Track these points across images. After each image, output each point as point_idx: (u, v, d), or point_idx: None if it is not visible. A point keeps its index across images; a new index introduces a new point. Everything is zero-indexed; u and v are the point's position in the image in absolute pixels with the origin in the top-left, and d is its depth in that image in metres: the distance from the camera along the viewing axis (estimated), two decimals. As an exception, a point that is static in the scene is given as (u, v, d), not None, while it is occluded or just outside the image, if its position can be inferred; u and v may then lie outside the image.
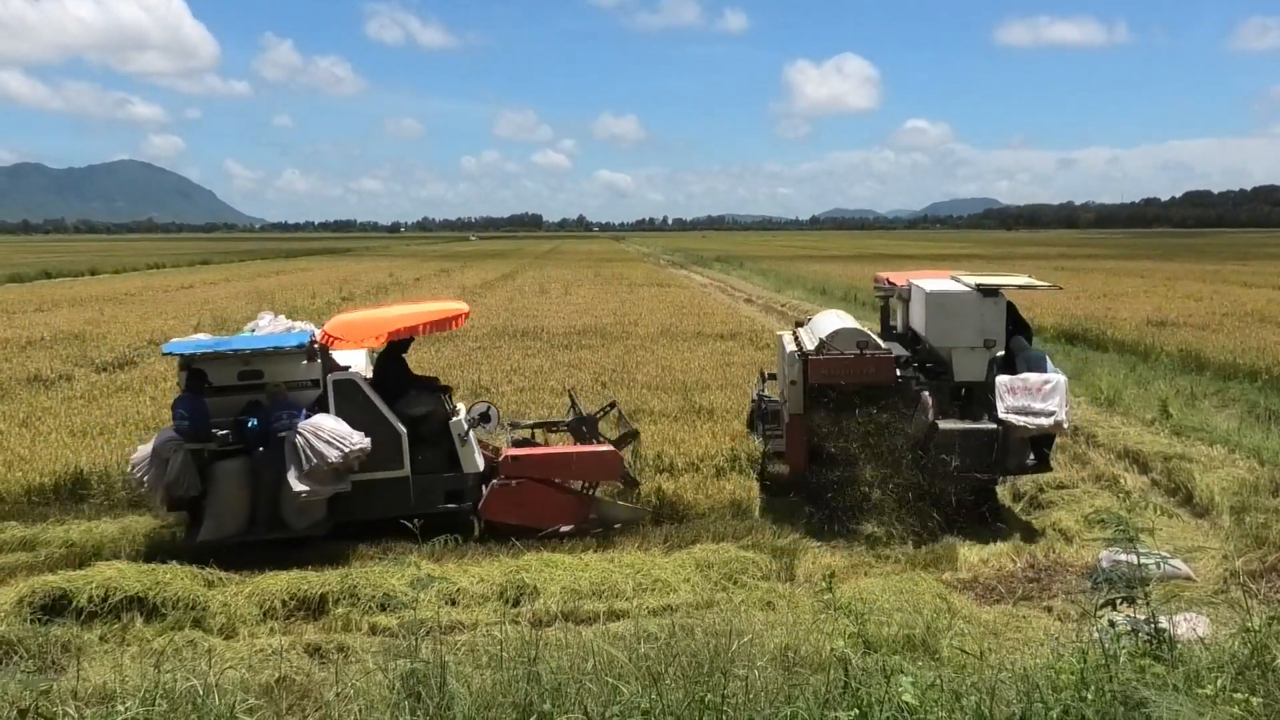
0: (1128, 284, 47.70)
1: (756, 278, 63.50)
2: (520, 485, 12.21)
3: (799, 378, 12.82)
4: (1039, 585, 10.68)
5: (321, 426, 11.39)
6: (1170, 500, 13.66)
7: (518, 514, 12.14)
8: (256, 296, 41.62)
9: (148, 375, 21.57)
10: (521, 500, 12.18)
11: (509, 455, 12.42)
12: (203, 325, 30.99)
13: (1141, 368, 23.55)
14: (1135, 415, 18.20)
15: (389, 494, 11.94)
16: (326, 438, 11.31)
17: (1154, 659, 5.70)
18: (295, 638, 9.21)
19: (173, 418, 11.72)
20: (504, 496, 12.21)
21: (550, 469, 12.39)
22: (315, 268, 76.85)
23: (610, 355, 24.10)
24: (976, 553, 11.66)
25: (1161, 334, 27.26)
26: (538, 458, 12.49)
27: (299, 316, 33.57)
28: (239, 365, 12.08)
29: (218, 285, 54.10)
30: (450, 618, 9.49)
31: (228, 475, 11.49)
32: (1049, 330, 30.45)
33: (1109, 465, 15.26)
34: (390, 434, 11.92)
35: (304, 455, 11.23)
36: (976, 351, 13.15)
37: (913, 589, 9.80)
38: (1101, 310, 33.87)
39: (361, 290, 48.09)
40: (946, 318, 13.15)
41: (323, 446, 11.26)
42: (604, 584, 10.16)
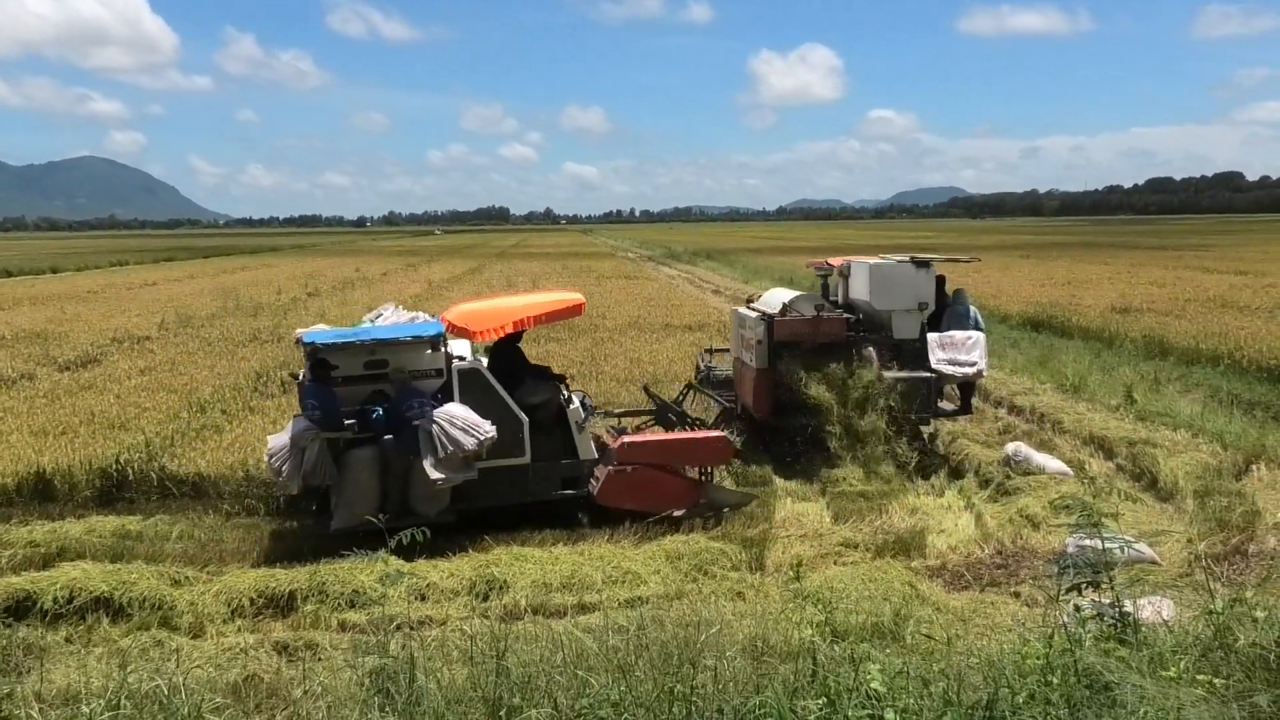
0: (1091, 271, 48.07)
1: (724, 269, 63.59)
2: (635, 470, 12.41)
3: (764, 337, 15.37)
4: (1006, 571, 10.75)
5: (455, 415, 11.55)
6: (1135, 485, 13.78)
7: (632, 499, 12.37)
8: (221, 293, 41.32)
9: (111, 374, 21.37)
10: (636, 485, 12.40)
11: (625, 441, 12.63)
12: (167, 323, 30.75)
13: (1106, 354, 23.76)
14: (1100, 401, 18.35)
15: (509, 481, 12.19)
16: (461, 426, 11.48)
17: (1119, 642, 5.75)
18: (263, 636, 9.15)
19: (302, 408, 11.74)
20: (619, 482, 12.39)
21: (666, 454, 12.65)
22: (280, 263, 76.31)
23: (578, 348, 24.06)
24: (945, 540, 11.74)
25: (1125, 320, 27.50)
26: (654, 444, 12.73)
27: (264, 314, 33.39)
28: (365, 355, 12.21)
29: (181, 282, 53.67)
30: (420, 613, 9.46)
31: (360, 463, 11.61)
32: (1014, 318, 30.69)
33: (1075, 451, 15.38)
34: (512, 422, 12.10)
35: (439, 443, 11.39)
36: (912, 313, 16.11)
37: (881, 577, 9.85)
38: (1066, 297, 34.12)
39: (328, 286, 47.83)
40: (887, 286, 16.02)
41: (458, 434, 11.43)
42: (574, 577, 10.15)
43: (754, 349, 15.48)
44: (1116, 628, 5.97)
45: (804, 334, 15.42)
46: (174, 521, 12.66)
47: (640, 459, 12.50)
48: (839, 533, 11.98)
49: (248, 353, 23.98)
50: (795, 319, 15.52)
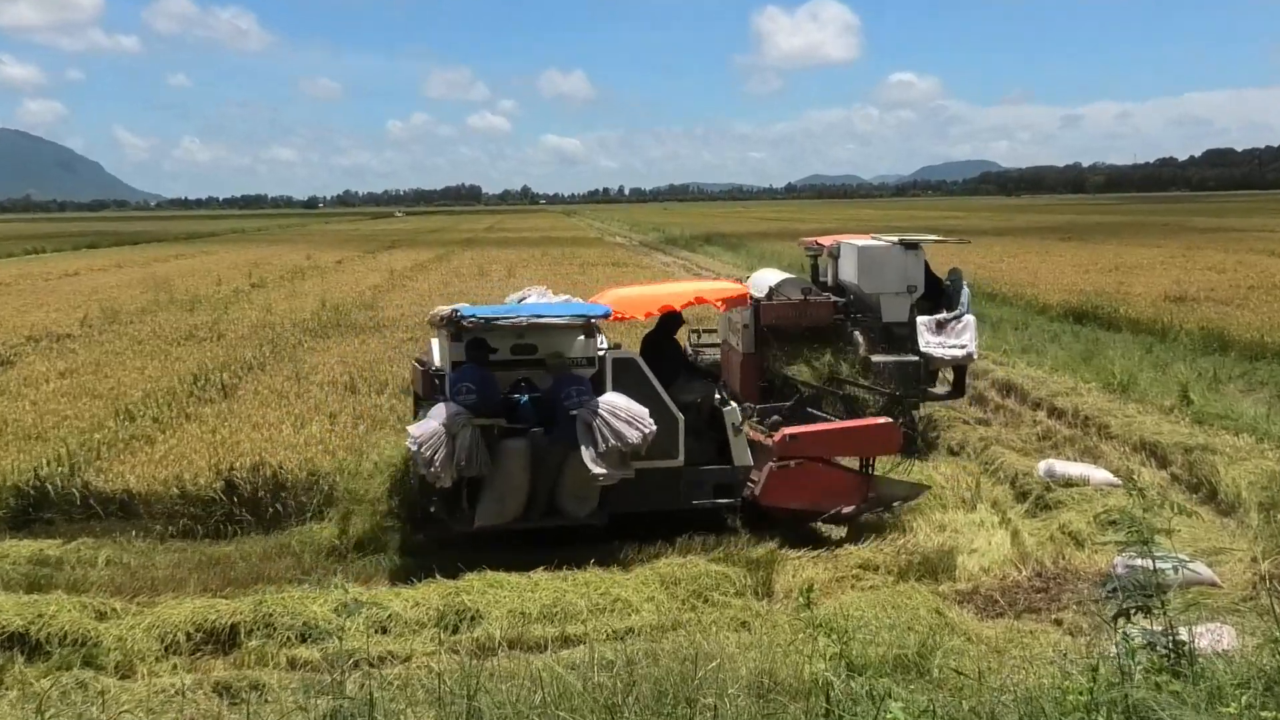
0: (1142, 255, 48.17)
1: (727, 255, 63.62)
2: (799, 466, 12.62)
3: (751, 321, 16.61)
4: (1047, 596, 10.79)
5: (618, 405, 11.71)
6: (1192, 497, 13.82)
7: (798, 497, 12.63)
8: (152, 284, 41.22)
9: (27, 377, 21.28)
10: (802, 482, 12.62)
11: (786, 434, 12.81)
12: (91, 319, 30.69)
13: (1158, 349, 23.80)
14: (1152, 402, 18.38)
15: (660, 486, 12.27)
16: (625, 417, 11.61)
17: (1172, 675, 5.76)
18: (202, 675, 9.14)
19: (452, 390, 11.80)
20: (783, 479, 12.57)
21: (831, 445, 12.96)
22: (221, 250, 76.15)
23: (560, 345, 24.04)
24: (977, 561, 11.77)
25: (1180, 311, 27.58)
26: (818, 434, 12.94)
27: (202, 308, 33.35)
28: (514, 338, 12.38)
29: (108, 272, 53.56)
30: (381, 648, 9.45)
31: (514, 455, 11.73)
32: (1054, 308, 30.74)
33: (1123, 459, 15.41)
34: (667, 420, 12.18)
35: (600, 435, 11.51)
36: (900, 296, 17.50)
37: (905, 603, 9.86)
38: (1113, 285, 34.16)
39: (275, 275, 47.78)
40: (875, 268, 17.42)
41: (622, 426, 11.56)
42: (556, 605, 10.15)
43: (740, 333, 16.68)
44: (1170, 659, 5.98)
45: (791, 318, 16.81)
46: (99, 545, 12.63)
47: (804, 452, 12.70)
48: (857, 553, 12.01)
49: (183, 352, 23.94)
50: (782, 303, 16.96)
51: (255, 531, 13.18)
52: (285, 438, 15.15)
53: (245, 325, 28.64)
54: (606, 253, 64.17)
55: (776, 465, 12.59)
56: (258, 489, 13.56)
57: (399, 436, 13.36)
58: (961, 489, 14.40)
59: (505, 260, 56.05)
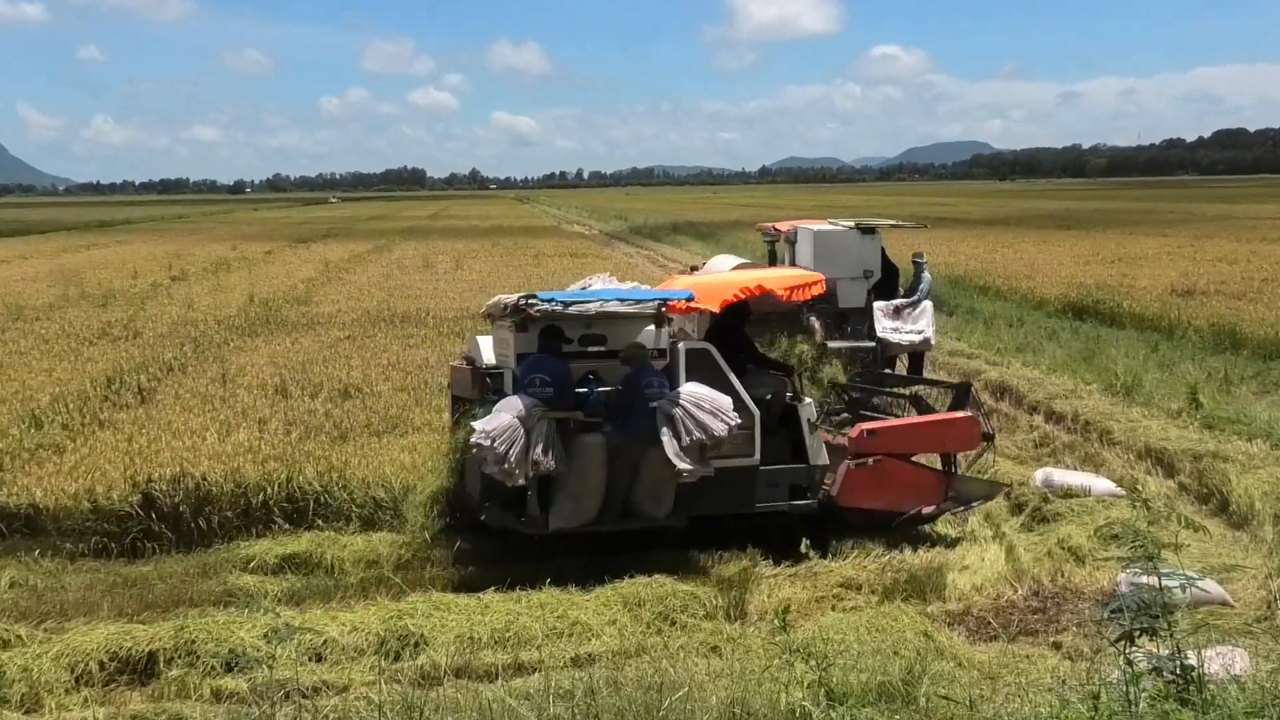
0: (1147, 245, 48.50)
1: (695, 245, 63.67)
2: (879, 463, 12.93)
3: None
4: (1044, 617, 10.85)
5: (701, 395, 11.82)
6: (1201, 509, 13.94)
7: (877, 497, 12.97)
8: (61, 277, 40.81)
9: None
10: (881, 480, 12.95)
11: (863, 429, 13.17)
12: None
13: (1165, 347, 23.98)
14: (1158, 405, 18.51)
15: (734, 486, 12.37)
16: (709, 408, 11.71)
17: (1180, 702, 5.81)
18: (116, 709, 9.08)
19: (523, 381, 11.81)
20: (862, 478, 12.87)
21: (910, 441, 13.34)
22: (138, 240, 75.58)
23: (513, 344, 24.00)
24: (968, 579, 11.83)
25: (1189, 305, 27.81)
26: (897, 429, 13.26)
27: (116, 304, 33.10)
28: (581, 328, 12.57)
29: (10, 264, 53.05)
30: (315, 677, 9.41)
31: (590, 452, 11.82)
32: (1052, 303, 30.94)
33: (1127, 467, 15.53)
34: (743, 415, 12.23)
35: (683, 427, 11.61)
36: (857, 281, 19.00)
37: (890, 625, 9.91)
38: (1116, 277, 34.40)
39: (197, 268, 47.48)
40: (831, 253, 18.69)
41: (706, 418, 11.63)
42: (508, 630, 10.15)
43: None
44: (1178, 685, 6.03)
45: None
46: (2, 566, 12.52)
47: (883, 449, 13.01)
48: (838, 570, 12.05)
49: (96, 352, 23.73)
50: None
51: (176, 550, 13.09)
52: (209, 446, 15.04)
53: (165, 322, 28.43)
54: (565, 243, 64.11)
55: (854, 463, 12.85)
56: (179, 503, 13.46)
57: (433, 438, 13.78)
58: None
59: (452, 250, 55.92)
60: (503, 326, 12.81)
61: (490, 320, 13.29)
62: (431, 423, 16.32)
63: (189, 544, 13.20)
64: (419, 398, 18.40)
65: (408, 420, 16.64)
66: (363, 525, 13.35)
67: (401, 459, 14.44)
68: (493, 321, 13.19)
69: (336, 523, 13.40)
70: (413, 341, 24.88)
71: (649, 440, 11.69)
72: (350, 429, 16.30)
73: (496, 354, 13.04)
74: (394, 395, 18.70)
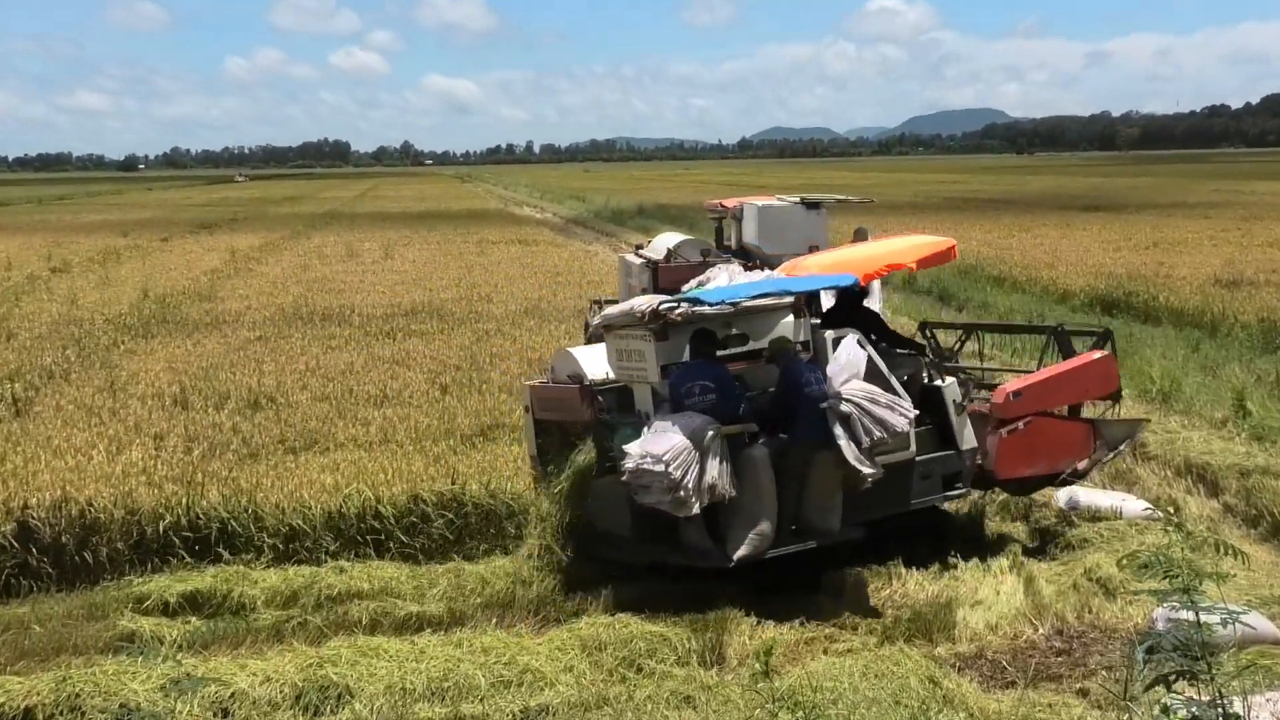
0: (1186, 228, 48.71)
1: (665, 228, 63.67)
2: (1029, 425, 13.52)
3: (649, 284, 19.39)
4: (1069, 659, 10.89)
5: (870, 389, 12.09)
6: (1249, 533, 14.01)
7: (1033, 462, 13.71)
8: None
9: None
10: (1034, 443, 13.57)
11: (1009, 392, 13.57)
12: None
13: (1208, 346, 24.10)
14: (1200, 414, 18.59)
15: (889, 484, 12.52)
16: (885, 403, 12.01)
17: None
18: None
19: (679, 392, 11.96)
20: (1016, 445, 13.46)
21: (1055, 394, 13.98)
22: (10, 225, 75.13)
23: (453, 346, 23.98)
24: (981, 616, 11.83)
25: (1235, 298, 27.97)
26: (1040, 385, 13.81)
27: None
28: (722, 327, 12.89)
29: None
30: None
31: (761, 467, 11.91)
32: (1078, 295, 31.06)
33: (1164, 485, 15.60)
34: None
35: (861, 428, 11.83)
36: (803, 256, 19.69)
37: (891, 670, 9.90)
38: (1151, 266, 34.53)
39: (82, 258, 47.22)
40: (776, 229, 20.61)
41: (884, 414, 11.94)
42: (447, 679, 10.13)
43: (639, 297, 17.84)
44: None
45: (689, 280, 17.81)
46: None
47: (1031, 409, 13.57)
48: (829, 607, 12.06)
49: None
50: (681, 265, 19.80)
51: (57, 588, 13.03)
52: (97, 467, 14.97)
53: (43, 322, 28.30)
54: (518, 230, 64.00)
55: (1004, 432, 13.30)
56: (60, 533, 13.40)
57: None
58: (961, 524, 14.51)
59: (381, 237, 55.85)
60: (630, 337, 12.82)
61: (607, 331, 13.27)
62: (357, 437, 16.30)
63: (73, 581, 13.14)
64: (342, 408, 18.38)
65: (329, 435, 16.61)
66: (276, 558, 13.33)
67: (322, 479, 14.41)
68: (609, 332, 13.19)
69: (246, 555, 13.36)
70: (335, 343, 24.85)
71: (819, 445, 11.92)
72: (262, 446, 16.25)
73: (617, 368, 13.14)
74: (313, 406, 18.66)
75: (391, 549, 13.62)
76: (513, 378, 20.54)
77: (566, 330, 25.86)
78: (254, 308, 30.43)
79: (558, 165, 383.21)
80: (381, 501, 13.89)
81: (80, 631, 11.74)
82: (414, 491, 14.07)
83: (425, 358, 22.66)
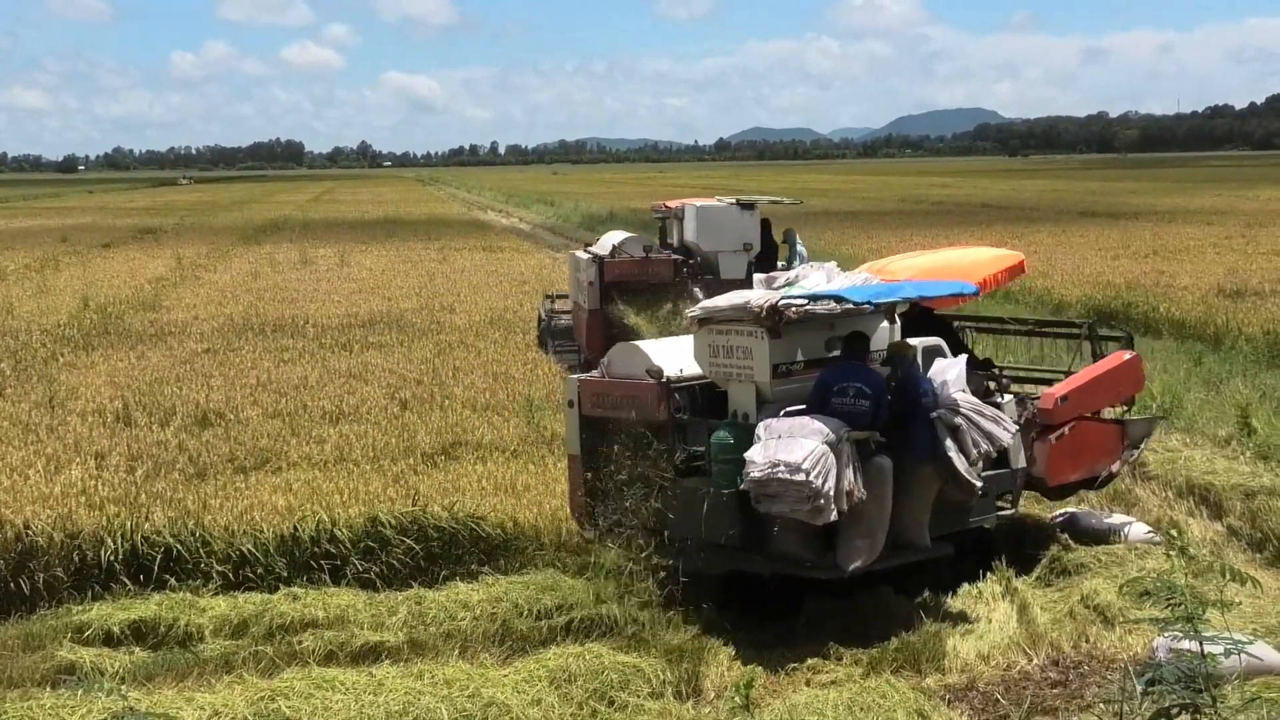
0: (1188, 235, 48.93)
1: (637, 230, 63.80)
2: (1074, 429, 14.00)
3: (596, 279, 24.01)
4: (1065, 691, 10.92)
5: (976, 402, 12.58)
6: (1255, 558, 14.06)
7: (1078, 466, 14.22)
8: None
9: None
10: (1078, 447, 14.10)
11: (1055, 396, 14.00)
12: None
13: (1210, 360, 24.19)
14: (1202, 432, 18.66)
15: (955, 502, 12.86)
16: (990, 415, 12.49)
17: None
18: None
19: (830, 391, 12.18)
20: (1064, 450, 13.92)
21: (1097, 397, 14.55)
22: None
23: (413, 359, 24.00)
24: (973, 645, 11.85)
25: (1239, 309, 28.12)
26: (1085, 387, 14.28)
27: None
28: (826, 329, 13.03)
29: None
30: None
31: (885, 476, 12.14)
32: (1074, 306, 31.14)
33: (1165, 507, 15.64)
34: None
35: (970, 440, 12.23)
36: (737, 254, 25.31)
37: (877, 703, 9.92)
38: (1151, 276, 34.70)
39: (17, 265, 47.08)
40: (713, 227, 25.37)
41: (991, 426, 12.40)
42: (406, 713, 10.07)
43: (586, 290, 23.10)
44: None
45: (633, 274, 24.60)
46: None
47: (1076, 413, 14.04)
48: (811, 636, 12.06)
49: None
50: (625, 260, 24.77)
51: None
52: (33, 487, 14.92)
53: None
54: (478, 237, 63.99)
55: (1054, 438, 13.67)
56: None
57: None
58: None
59: (337, 243, 55.82)
60: (733, 332, 12.79)
61: (699, 325, 13.16)
62: (311, 456, 16.27)
63: (7, 609, 13.10)
64: (295, 425, 18.34)
65: (282, 453, 16.59)
66: (225, 585, 13.27)
67: (274, 501, 14.37)
68: (703, 327, 13.11)
69: (193, 581, 13.31)
70: (288, 356, 24.84)
71: (925, 457, 12.16)
72: (210, 465, 16.23)
73: (710, 365, 13.06)
74: (264, 422, 18.64)
75: (348, 575, 13.57)
76: (477, 392, 20.56)
77: (533, 343, 25.90)
78: (201, 318, 30.39)
79: (524, 167, 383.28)
80: (337, 524, 13.85)
81: (16, 663, 11.68)
82: (372, 513, 14.04)
83: (384, 371, 22.67)
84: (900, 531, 12.38)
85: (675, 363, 13.26)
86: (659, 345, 14.23)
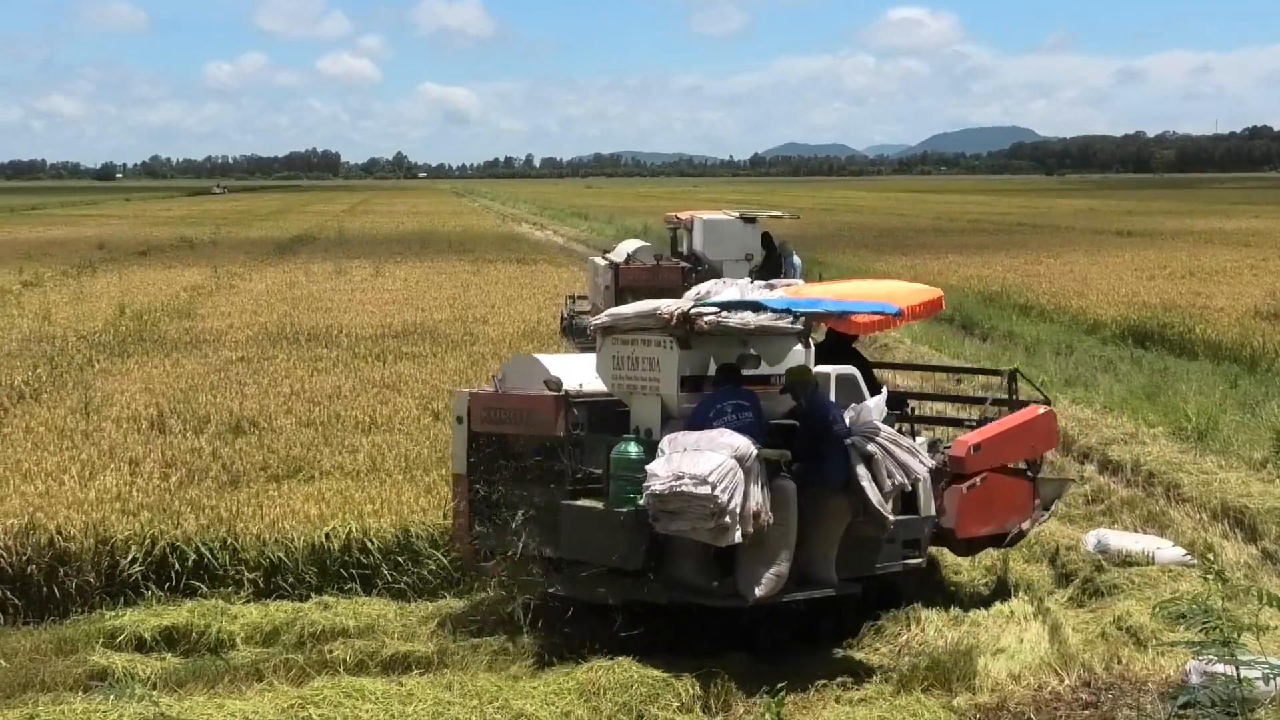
0: (1225, 256, 48.76)
1: (655, 241, 63.82)
2: (985, 480, 13.33)
3: (611, 283, 27.52)
4: (1097, 713, 10.84)
5: (893, 432, 12.10)
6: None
7: (988, 520, 13.50)
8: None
9: None
10: (990, 500, 13.44)
11: (969, 444, 13.33)
12: None
13: (1247, 382, 24.06)
14: (1238, 454, 18.55)
15: (860, 544, 12.26)
16: (906, 445, 11.98)
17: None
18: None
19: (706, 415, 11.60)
20: (976, 501, 13.23)
21: (1010, 449, 13.86)
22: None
23: (446, 370, 23.97)
24: (1004, 665, 11.77)
25: (1277, 331, 28.00)
26: (997, 439, 13.64)
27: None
28: (739, 346, 12.39)
29: None
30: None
31: (790, 500, 11.61)
32: (1109, 326, 31.08)
33: (1199, 529, 15.56)
34: None
35: (885, 470, 11.70)
36: (739, 263, 28.72)
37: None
38: (1188, 297, 34.55)
39: (55, 271, 47.28)
40: (718, 238, 29.47)
41: (905, 457, 11.83)
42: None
43: (603, 293, 25.29)
44: (1260, 797, 6.05)
45: (645, 280, 27.25)
46: None
47: (989, 464, 13.43)
48: (843, 654, 12.05)
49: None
50: (637, 266, 28.48)
51: (25, 621, 13.05)
52: (68, 493, 14.96)
53: (13, 338, 28.36)
54: (512, 250, 64.03)
55: (965, 487, 13.09)
56: (28, 563, 13.41)
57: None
58: (982, 568, 14.48)
59: (372, 254, 55.90)
60: (640, 342, 12.31)
61: (604, 335, 12.71)
62: (344, 465, 16.29)
63: (40, 614, 13.16)
64: (328, 434, 18.38)
65: (315, 462, 16.61)
66: (256, 593, 13.31)
67: (306, 510, 14.40)
68: (608, 336, 12.63)
69: (225, 589, 13.36)
70: (321, 365, 24.88)
71: (839, 488, 11.66)
72: (243, 473, 16.25)
73: (613, 377, 12.55)
74: (298, 431, 18.67)
75: (379, 584, 13.62)
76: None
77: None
78: (236, 326, 30.47)
79: (559, 180, 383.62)
80: (369, 534, 13.89)
81: (48, 668, 11.71)
82: (403, 524, 14.08)
83: (417, 382, 22.67)
84: (806, 566, 11.85)
85: (575, 377, 12.79)
86: (559, 359, 13.87)
